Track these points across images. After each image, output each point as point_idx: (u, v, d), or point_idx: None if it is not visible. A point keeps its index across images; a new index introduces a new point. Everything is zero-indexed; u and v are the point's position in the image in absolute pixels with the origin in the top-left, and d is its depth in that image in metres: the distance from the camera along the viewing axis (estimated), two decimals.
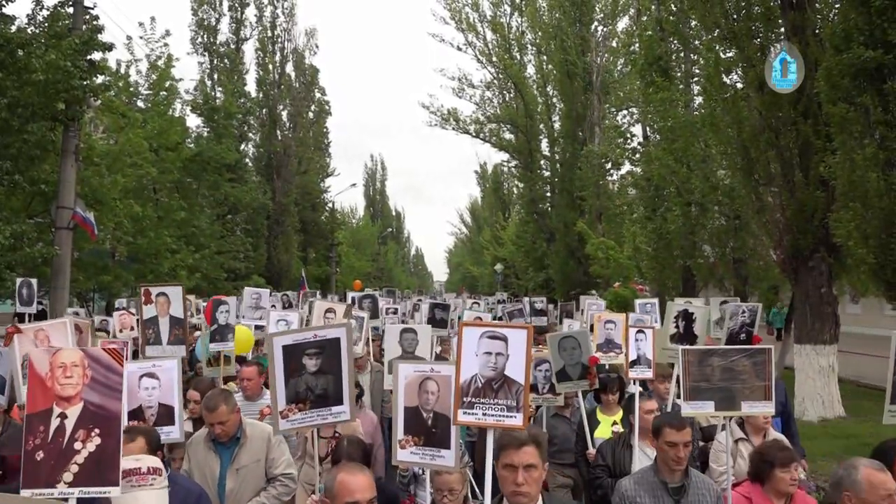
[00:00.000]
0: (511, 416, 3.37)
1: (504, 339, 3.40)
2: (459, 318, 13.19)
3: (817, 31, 11.65)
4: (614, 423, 5.98)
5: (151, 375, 4.73)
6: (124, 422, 3.69)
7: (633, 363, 6.09)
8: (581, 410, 6.11)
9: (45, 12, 14.90)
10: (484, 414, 3.39)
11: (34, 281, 12.23)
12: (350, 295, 15.88)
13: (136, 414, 4.58)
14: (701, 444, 5.70)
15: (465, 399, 3.40)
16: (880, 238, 9.59)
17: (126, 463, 3.08)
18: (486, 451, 3.39)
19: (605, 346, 6.78)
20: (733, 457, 4.77)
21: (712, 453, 5.16)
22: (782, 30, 12.63)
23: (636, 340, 6.15)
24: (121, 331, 9.86)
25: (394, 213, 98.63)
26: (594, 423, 6.02)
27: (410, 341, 6.98)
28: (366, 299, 12.28)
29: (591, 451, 5.69)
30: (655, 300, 10.90)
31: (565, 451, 6.23)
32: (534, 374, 6.19)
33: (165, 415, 4.69)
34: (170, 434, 4.61)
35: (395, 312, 14.53)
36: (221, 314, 7.59)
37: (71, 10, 15.28)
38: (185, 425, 5.02)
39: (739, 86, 13.51)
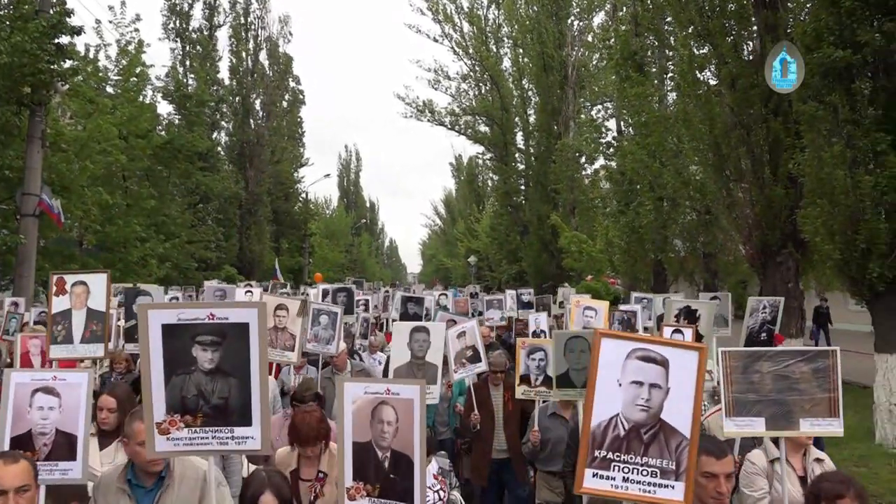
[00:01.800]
0: (666, 486, 2.41)
1: (664, 363, 2.42)
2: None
3: (789, 31, 11.83)
4: None
5: (49, 391, 3.35)
6: (3, 446, 3.17)
7: None
8: (580, 418, 5.31)
9: None
10: (625, 480, 2.42)
11: None
12: (321, 287, 15.41)
13: (21, 442, 3.34)
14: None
15: (596, 454, 2.46)
16: (846, 234, 9.79)
17: None
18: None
19: None
20: (767, 480, 4.05)
21: (744, 476, 4.20)
22: (755, 28, 12.81)
23: None
24: None
25: (368, 205, 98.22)
26: None
27: (421, 343, 5.53)
28: (341, 293, 11.38)
29: None
30: (652, 295, 10.56)
31: (557, 456, 5.64)
32: (526, 363, 5.90)
33: (64, 446, 3.36)
34: (67, 472, 3.36)
35: (366, 305, 13.62)
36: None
37: None
38: (91, 454, 3.62)
39: (713, 82, 13.68)
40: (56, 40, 14.76)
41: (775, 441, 4.03)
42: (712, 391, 5.52)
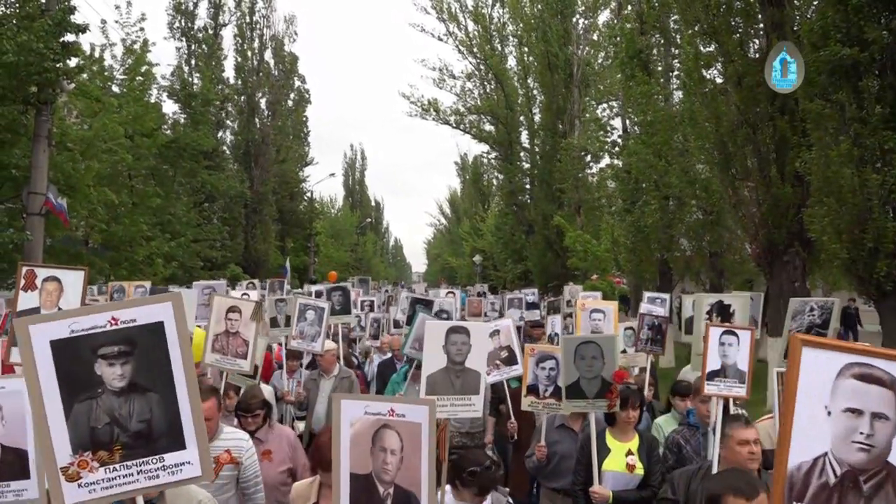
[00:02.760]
0: None
1: (893, 384, 1.79)
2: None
3: (795, 28, 11.78)
4: (629, 452, 4.71)
5: None
6: None
7: (713, 374, 4.70)
8: (591, 430, 4.70)
9: None
10: None
11: None
12: (314, 289, 14.82)
13: None
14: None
15: None
16: (853, 234, 9.73)
17: None
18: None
19: None
20: None
21: None
22: (761, 26, 12.75)
23: (722, 344, 4.75)
24: None
25: (373, 204, 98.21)
26: (603, 451, 4.71)
27: (459, 347, 4.43)
28: (335, 291, 10.12)
29: (598, 487, 4.54)
30: (667, 295, 10.06)
31: (565, 471, 5.08)
32: (534, 373, 5.37)
33: (14, 464, 2.96)
34: (22, 493, 2.99)
35: (371, 306, 13.09)
36: None
37: None
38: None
39: (719, 81, 13.63)
40: (61, 39, 14.80)
41: None
42: None
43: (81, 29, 15.33)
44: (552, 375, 5.28)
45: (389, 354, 9.73)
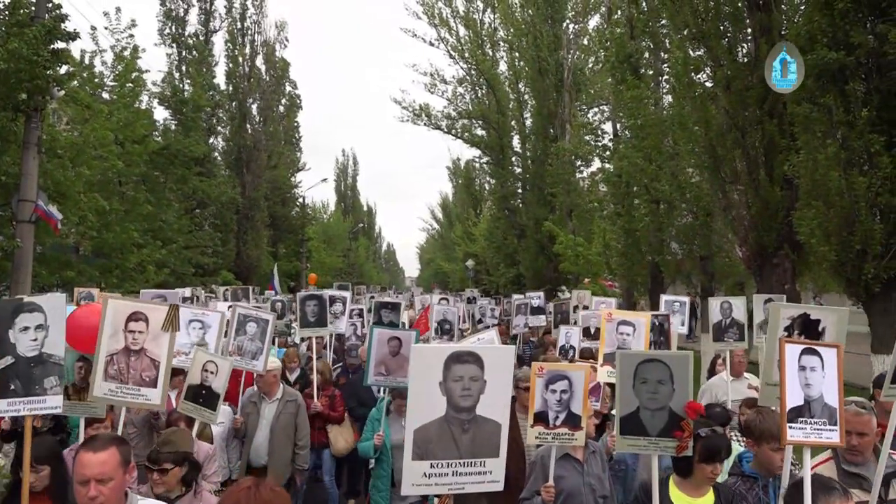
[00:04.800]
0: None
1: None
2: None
3: (783, 32, 11.88)
4: None
5: None
6: None
7: (796, 413, 3.36)
8: (652, 480, 3.70)
9: (5, 0, 14.52)
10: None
11: None
12: (273, 299, 13.84)
13: None
14: None
15: None
16: (841, 236, 9.82)
17: None
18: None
19: None
20: None
21: None
22: (749, 30, 12.86)
23: (802, 369, 3.39)
24: None
25: (365, 209, 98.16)
26: None
27: (468, 384, 3.09)
28: (310, 301, 8.56)
29: None
30: (686, 298, 9.45)
31: None
32: (542, 397, 4.28)
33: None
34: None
35: (360, 315, 11.67)
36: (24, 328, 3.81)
37: None
38: None
39: (708, 85, 13.72)
40: (52, 46, 14.77)
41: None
42: None
43: (73, 36, 15.30)
44: (564, 399, 4.25)
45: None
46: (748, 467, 4.00)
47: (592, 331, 8.69)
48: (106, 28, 23.49)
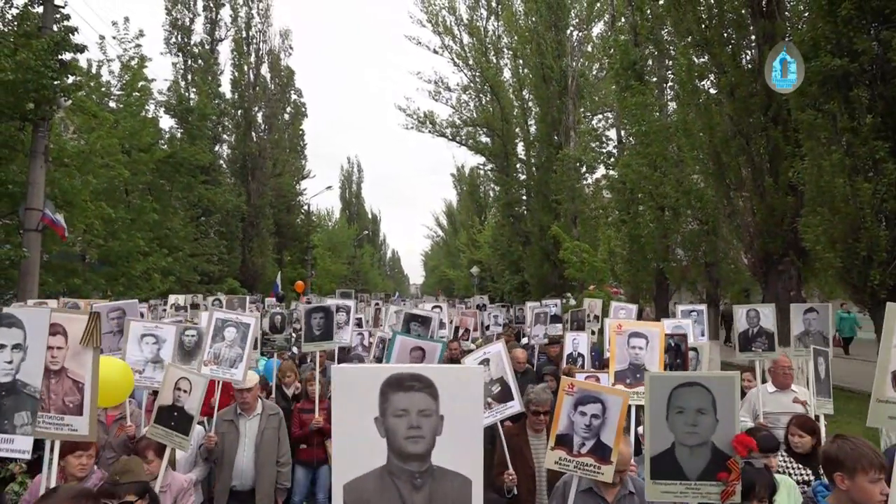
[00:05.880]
0: None
1: None
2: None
3: (787, 40, 11.89)
4: None
5: None
6: None
7: None
8: None
9: (13, 10, 14.68)
10: None
11: None
12: (273, 313, 13.59)
13: None
14: None
15: None
16: (846, 242, 9.80)
17: None
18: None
19: (631, 375, 4.49)
20: None
21: None
22: (753, 37, 12.88)
23: None
24: None
25: (370, 216, 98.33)
26: None
27: (416, 420, 2.08)
28: (316, 313, 7.81)
29: None
30: (703, 307, 8.84)
31: None
32: (569, 418, 3.70)
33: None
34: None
35: (360, 325, 10.90)
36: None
37: (41, 9, 15.02)
38: None
39: (712, 91, 13.74)
40: (59, 57, 14.90)
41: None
42: None
43: (80, 49, 15.44)
44: (595, 425, 3.61)
45: None
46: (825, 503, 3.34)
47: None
48: (114, 38, 23.73)
